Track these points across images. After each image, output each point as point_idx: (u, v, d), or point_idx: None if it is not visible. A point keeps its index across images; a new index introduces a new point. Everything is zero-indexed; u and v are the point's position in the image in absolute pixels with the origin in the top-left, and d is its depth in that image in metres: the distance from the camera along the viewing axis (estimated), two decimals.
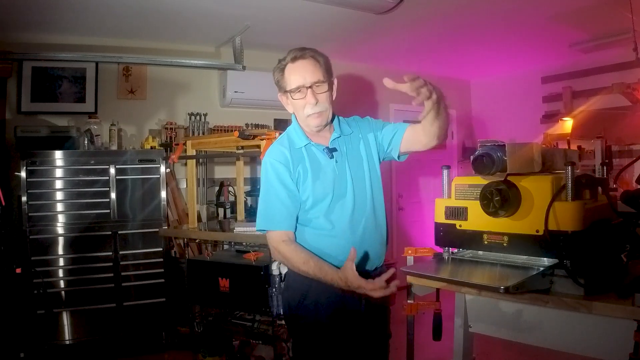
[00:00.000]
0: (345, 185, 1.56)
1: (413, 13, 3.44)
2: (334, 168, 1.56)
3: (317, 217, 1.54)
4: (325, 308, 1.52)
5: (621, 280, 1.26)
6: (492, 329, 1.60)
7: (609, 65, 4.43)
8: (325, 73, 1.56)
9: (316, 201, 1.53)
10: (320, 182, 1.53)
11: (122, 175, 3.40)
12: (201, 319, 2.99)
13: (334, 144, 1.60)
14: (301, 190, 1.54)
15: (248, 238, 2.82)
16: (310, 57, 1.54)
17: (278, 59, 1.60)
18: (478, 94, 6.02)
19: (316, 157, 1.58)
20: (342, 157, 1.59)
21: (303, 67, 1.53)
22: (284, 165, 1.54)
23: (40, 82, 3.66)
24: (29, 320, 3.07)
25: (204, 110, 4.16)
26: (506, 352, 3.09)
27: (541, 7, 3.38)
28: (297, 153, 1.57)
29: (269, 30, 3.78)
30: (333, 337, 1.53)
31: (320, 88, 1.53)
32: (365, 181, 1.60)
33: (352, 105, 4.79)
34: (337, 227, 1.53)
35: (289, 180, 1.54)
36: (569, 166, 1.28)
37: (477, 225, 1.44)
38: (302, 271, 1.49)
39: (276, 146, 1.60)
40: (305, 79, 1.52)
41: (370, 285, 1.32)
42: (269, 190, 1.56)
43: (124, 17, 3.39)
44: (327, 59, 1.59)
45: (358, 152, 1.63)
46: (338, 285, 1.40)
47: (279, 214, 1.53)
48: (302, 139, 1.59)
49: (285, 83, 1.57)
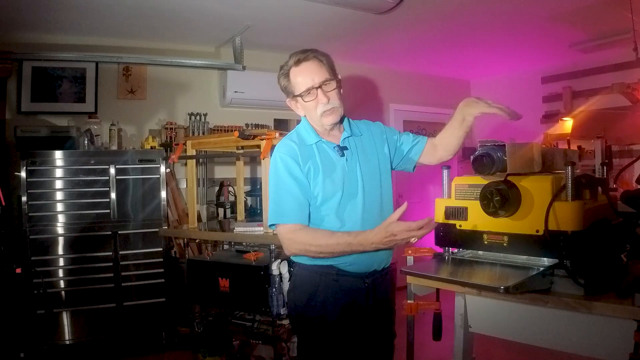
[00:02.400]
0: (356, 184, 1.55)
1: (413, 13, 3.44)
2: (344, 166, 1.56)
3: (328, 214, 1.53)
4: (332, 308, 1.52)
5: (621, 280, 1.26)
6: (492, 329, 1.60)
7: (609, 65, 4.43)
8: (330, 71, 1.56)
9: (326, 198, 1.52)
10: (331, 179, 1.53)
11: (122, 175, 3.40)
12: (201, 319, 2.99)
13: (345, 142, 1.60)
14: (312, 186, 1.53)
15: (248, 238, 2.82)
16: (313, 58, 1.54)
17: (280, 65, 1.59)
18: (478, 94, 5.96)
19: (327, 154, 1.57)
20: (352, 156, 1.59)
21: (308, 69, 1.53)
22: (293, 159, 1.53)
23: (40, 82, 3.66)
24: (29, 320, 3.07)
25: (204, 110, 4.16)
26: (506, 352, 3.09)
27: (541, 7, 3.38)
28: (308, 149, 1.56)
29: (269, 30, 3.78)
30: (340, 336, 1.53)
31: (329, 86, 1.53)
32: (376, 182, 1.60)
33: (352, 105, 4.80)
34: (348, 226, 1.52)
35: (300, 172, 1.52)
36: (569, 166, 1.28)
37: (477, 225, 1.44)
38: (330, 246, 1.45)
39: (285, 141, 1.60)
40: (314, 80, 1.52)
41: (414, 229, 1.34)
42: (279, 185, 1.54)
43: (124, 17, 3.39)
44: (329, 57, 1.59)
45: (370, 153, 1.63)
46: (375, 241, 1.39)
47: (290, 207, 1.51)
48: (312, 136, 1.58)
49: (293, 88, 1.56)
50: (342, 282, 1.52)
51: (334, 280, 1.52)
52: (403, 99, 5.39)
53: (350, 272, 1.53)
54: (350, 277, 1.53)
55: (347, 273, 1.52)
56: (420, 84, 5.54)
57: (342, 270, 1.52)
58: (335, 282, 1.52)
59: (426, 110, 5.59)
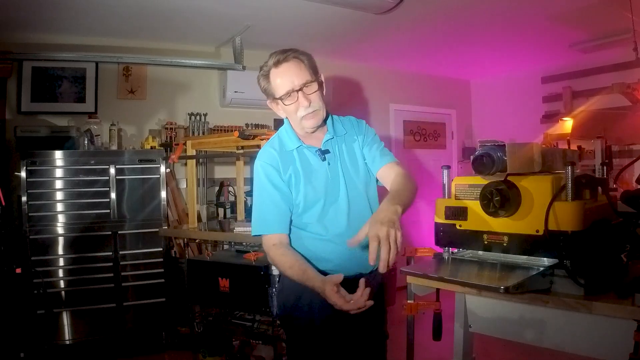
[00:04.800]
0: (338, 188, 1.53)
1: (413, 13, 3.44)
2: (326, 171, 1.53)
3: (310, 222, 1.52)
4: (319, 309, 1.49)
5: (621, 280, 1.26)
6: (492, 329, 1.60)
7: (609, 65, 4.43)
8: (311, 72, 1.50)
9: (308, 205, 1.51)
10: (312, 186, 1.51)
11: (122, 175, 3.40)
12: (201, 319, 2.99)
13: (327, 145, 1.56)
14: (293, 194, 1.52)
15: (248, 238, 2.82)
16: (293, 59, 1.48)
17: (259, 65, 1.54)
18: (478, 94, 6.02)
19: (308, 159, 1.55)
20: (334, 159, 1.55)
21: (288, 70, 1.47)
22: (273, 167, 1.52)
23: (40, 82, 3.66)
24: (29, 320, 3.07)
25: (204, 110, 4.16)
26: (506, 352, 3.09)
27: (541, 7, 3.38)
28: (288, 156, 1.54)
29: (269, 30, 3.78)
30: (327, 338, 1.52)
31: (310, 88, 1.48)
32: (361, 184, 1.57)
33: (352, 105, 4.80)
34: (331, 232, 1.50)
35: (280, 181, 1.51)
36: (569, 166, 1.27)
37: (477, 225, 1.43)
38: (288, 275, 1.46)
39: (266, 148, 1.58)
40: (294, 82, 1.46)
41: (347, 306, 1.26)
42: (261, 194, 1.54)
43: (124, 17, 3.39)
44: (311, 56, 1.53)
45: (353, 153, 1.60)
46: (319, 291, 1.34)
47: (271, 217, 1.51)
48: (293, 141, 1.55)
49: (273, 90, 1.51)
50: None
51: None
52: (403, 99, 5.40)
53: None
54: None
55: None
56: (420, 84, 5.54)
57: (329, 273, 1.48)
58: None
59: (426, 110, 5.59)
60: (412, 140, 5.53)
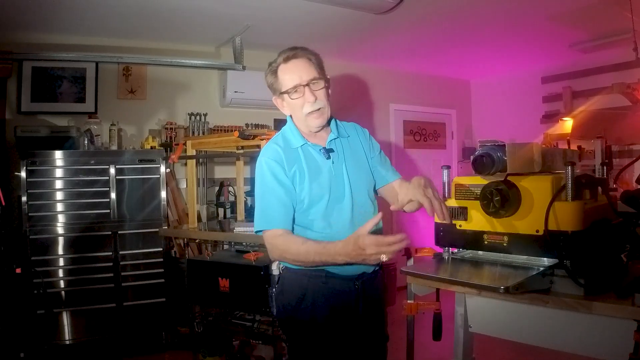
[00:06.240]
0: (343, 187, 1.53)
1: (413, 13, 3.44)
2: (331, 169, 1.54)
3: (315, 218, 1.52)
4: (322, 310, 1.50)
5: (621, 280, 1.26)
6: (492, 329, 1.60)
7: (609, 65, 4.43)
8: (319, 70, 1.53)
9: (312, 202, 1.51)
10: (317, 183, 1.51)
11: (122, 175, 3.40)
12: (201, 319, 3.00)
13: (331, 144, 1.58)
14: (298, 191, 1.52)
15: (248, 238, 2.82)
16: (302, 56, 1.51)
17: (268, 62, 1.56)
18: (478, 94, 6.02)
19: (313, 157, 1.55)
20: (339, 159, 1.57)
21: (297, 66, 1.50)
22: (278, 163, 1.51)
23: (40, 82, 3.66)
24: (29, 320, 3.07)
25: (204, 110, 4.16)
26: (506, 352, 3.09)
27: (541, 7, 3.38)
28: (293, 153, 1.54)
29: (269, 30, 3.78)
30: (330, 339, 1.52)
31: (317, 85, 1.51)
32: (363, 184, 1.59)
33: (352, 105, 4.80)
34: (335, 229, 1.50)
35: (285, 177, 1.51)
36: (569, 166, 1.28)
37: (477, 225, 1.44)
38: (301, 255, 1.41)
39: (270, 145, 1.58)
40: (302, 78, 1.49)
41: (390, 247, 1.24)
42: (265, 190, 1.53)
43: (124, 17, 3.39)
44: (319, 56, 1.56)
45: (358, 155, 1.62)
46: (343, 253, 1.30)
47: (275, 212, 1.49)
48: (298, 139, 1.56)
49: (280, 85, 1.53)
50: (331, 284, 1.50)
51: (323, 283, 1.50)
52: (403, 99, 5.40)
53: (339, 274, 1.50)
54: (339, 280, 1.50)
55: (336, 275, 1.50)
56: (420, 84, 5.54)
57: (331, 272, 1.49)
58: (324, 285, 1.50)
59: (426, 110, 5.60)
60: (412, 140, 5.53)
